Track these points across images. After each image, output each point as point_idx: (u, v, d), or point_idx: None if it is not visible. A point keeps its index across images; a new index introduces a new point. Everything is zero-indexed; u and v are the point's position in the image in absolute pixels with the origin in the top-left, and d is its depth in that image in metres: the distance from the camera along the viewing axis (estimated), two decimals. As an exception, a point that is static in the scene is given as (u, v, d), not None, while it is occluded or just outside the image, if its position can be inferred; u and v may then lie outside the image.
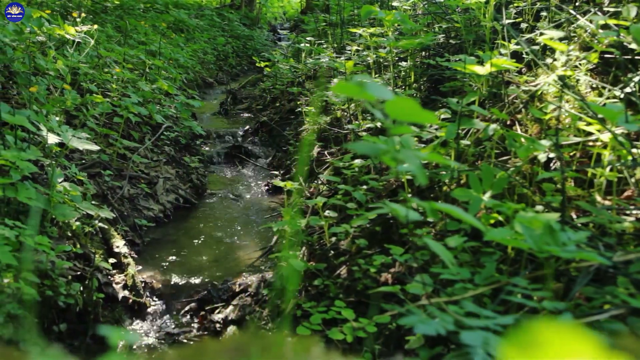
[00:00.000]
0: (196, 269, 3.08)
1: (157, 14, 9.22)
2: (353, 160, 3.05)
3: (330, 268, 2.58)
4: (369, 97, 1.11)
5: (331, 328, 2.11)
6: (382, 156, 1.15)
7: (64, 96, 3.41)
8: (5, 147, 2.61)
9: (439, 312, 1.41)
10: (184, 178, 4.20)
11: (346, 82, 1.11)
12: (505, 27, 2.77)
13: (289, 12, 17.46)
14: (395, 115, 1.12)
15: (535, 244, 1.41)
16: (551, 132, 2.25)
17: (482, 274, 1.67)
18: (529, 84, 2.64)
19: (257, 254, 3.23)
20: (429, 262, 2.08)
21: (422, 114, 1.06)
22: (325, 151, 4.00)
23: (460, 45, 3.73)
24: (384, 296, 2.23)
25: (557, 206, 2.02)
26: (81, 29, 3.56)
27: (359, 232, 2.54)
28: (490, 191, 1.94)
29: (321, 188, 3.48)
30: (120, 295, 2.71)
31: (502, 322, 1.14)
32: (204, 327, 2.60)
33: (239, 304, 2.66)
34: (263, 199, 4.23)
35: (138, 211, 3.56)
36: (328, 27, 7.04)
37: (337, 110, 4.51)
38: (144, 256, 3.17)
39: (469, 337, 1.01)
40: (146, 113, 4.07)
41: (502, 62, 2.32)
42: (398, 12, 3.59)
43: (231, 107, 6.64)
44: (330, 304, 2.29)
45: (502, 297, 1.44)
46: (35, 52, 3.53)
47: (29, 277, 2.12)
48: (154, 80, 4.86)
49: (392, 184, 2.77)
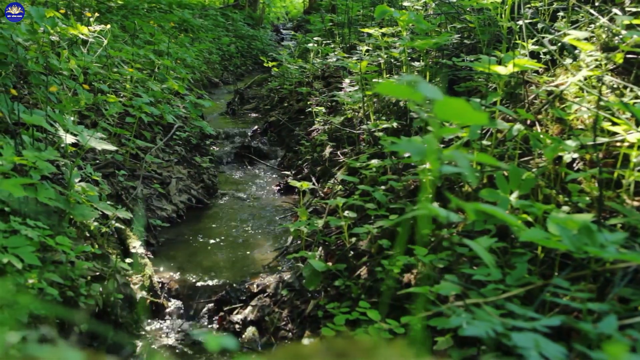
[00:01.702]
0: (212, 269, 3.07)
1: (161, 14, 9.21)
2: (369, 161, 3.04)
3: (349, 269, 2.57)
4: (417, 98, 1.11)
5: (355, 329, 2.11)
6: (428, 156, 1.15)
7: (78, 96, 3.40)
8: (22, 147, 2.60)
9: (480, 313, 1.41)
10: (195, 178, 4.19)
11: (393, 82, 1.10)
12: (526, 27, 2.76)
13: (292, 12, 17.45)
14: (444, 116, 1.11)
15: (573, 245, 1.40)
16: (577, 132, 2.25)
17: (513, 275, 1.67)
18: (549, 84, 2.63)
19: (272, 255, 3.22)
20: (455, 263, 2.07)
21: (474, 114, 1.05)
22: (337, 151, 3.99)
23: (474, 45, 3.72)
24: (407, 297, 2.22)
25: (584, 207, 2.01)
26: (94, 28, 3.54)
27: (380, 233, 2.53)
28: (517, 192, 1.93)
29: (335, 188, 3.47)
30: (138, 295, 2.70)
31: (549, 324, 1.13)
32: (223, 328, 2.59)
33: (258, 304, 2.65)
34: (275, 199, 4.22)
35: (151, 211, 3.56)
36: (335, 27, 7.04)
37: (347, 111, 4.51)
38: (159, 256, 3.16)
39: (521, 339, 1.00)
40: (158, 113, 4.06)
41: (524, 62, 2.31)
42: (413, 13, 3.59)
43: (238, 107, 6.63)
44: (352, 305, 2.28)
45: (547, 299, 1.43)
46: (49, 52, 3.52)
47: (52, 278, 2.11)
48: (163, 80, 4.85)
49: (410, 184, 2.77)
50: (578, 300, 1.34)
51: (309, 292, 2.59)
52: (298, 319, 2.51)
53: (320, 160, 4.17)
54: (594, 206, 2.01)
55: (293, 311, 2.56)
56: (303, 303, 2.58)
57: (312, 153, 4.40)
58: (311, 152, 4.43)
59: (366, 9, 6.95)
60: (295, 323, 2.51)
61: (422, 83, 1.06)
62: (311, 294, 2.58)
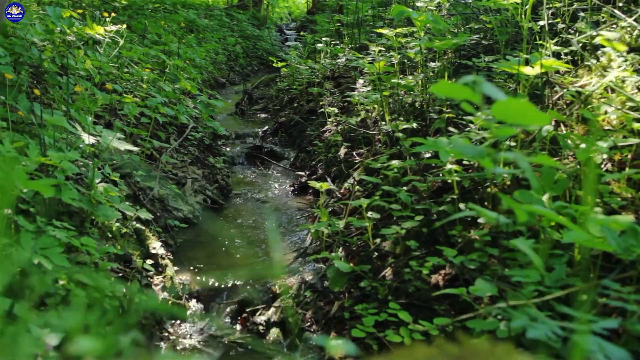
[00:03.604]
0: (231, 270, 3.06)
1: (166, 14, 9.19)
2: (389, 161, 3.03)
3: (373, 270, 2.56)
4: (475, 98, 1.10)
5: (384, 330, 2.10)
6: (484, 158, 1.14)
7: (95, 96, 3.39)
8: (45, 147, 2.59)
9: (516, 314, 1.40)
10: (209, 179, 4.18)
11: (450, 82, 1.09)
12: (548, 28, 2.75)
13: (295, 12, 17.44)
14: (504, 116, 1.10)
15: (619, 246, 1.40)
16: (603, 133, 2.24)
17: (552, 277, 1.66)
18: (574, 84, 2.63)
19: (291, 255, 3.21)
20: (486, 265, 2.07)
21: (536, 115, 1.04)
22: (353, 152, 3.98)
23: (491, 46, 3.71)
24: (435, 298, 2.21)
25: (616, 208, 2.01)
26: (111, 28, 3.53)
27: (405, 234, 2.52)
28: (549, 193, 1.93)
29: (352, 189, 3.46)
30: (160, 296, 2.69)
31: (607, 326, 1.12)
32: (246, 329, 2.58)
33: (281, 305, 2.64)
34: (289, 199, 4.21)
35: (168, 212, 3.55)
36: (344, 28, 7.03)
37: (360, 111, 4.50)
38: (178, 257, 3.15)
39: (586, 341, 1.00)
40: (172, 113, 4.05)
41: (552, 63, 2.30)
42: (429, 13, 3.58)
43: (247, 108, 6.62)
44: (379, 306, 2.27)
45: (600, 301, 1.42)
46: (65, 52, 3.51)
47: (81, 279, 2.10)
48: (174, 80, 4.84)
49: (433, 185, 2.76)
50: (632, 302, 1.33)
51: (332, 293, 2.58)
52: (323, 320, 2.50)
53: (335, 160, 4.16)
54: (627, 207, 2.00)
55: (317, 312, 2.55)
56: (327, 304, 2.57)
57: (326, 154, 4.39)
58: (325, 152, 4.42)
59: (375, 9, 6.94)
60: (320, 324, 2.50)
61: (485, 84, 1.05)
62: (335, 295, 2.57)
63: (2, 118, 2.76)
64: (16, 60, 3.48)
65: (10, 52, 3.34)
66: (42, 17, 4.02)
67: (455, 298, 2.12)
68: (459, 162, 2.53)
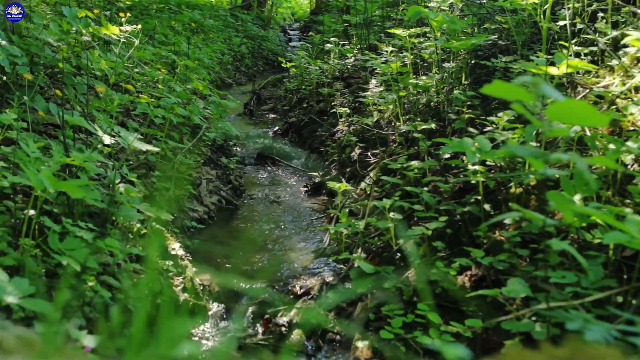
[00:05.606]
0: (249, 270, 3.06)
1: (171, 14, 9.18)
2: (408, 162, 3.03)
3: (395, 271, 2.55)
4: (530, 99, 1.09)
5: (412, 332, 2.09)
6: (537, 159, 1.13)
7: (111, 96, 3.38)
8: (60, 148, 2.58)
9: (559, 314, 1.39)
10: (223, 179, 4.18)
11: (503, 83, 1.08)
12: (569, 28, 2.75)
13: (297, 12, 17.44)
14: (560, 117, 1.10)
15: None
16: (630, 134, 2.23)
17: (590, 278, 1.65)
18: (597, 85, 2.62)
19: (310, 256, 3.20)
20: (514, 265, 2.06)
21: (595, 115, 1.03)
22: (368, 152, 3.97)
23: (507, 46, 3.71)
24: (463, 300, 2.21)
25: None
26: (126, 29, 3.53)
27: (429, 234, 2.51)
28: (580, 194, 1.92)
29: (370, 189, 3.46)
30: (180, 297, 2.68)
31: (662, 329, 1.12)
32: (269, 331, 2.57)
33: (303, 307, 2.63)
34: (302, 200, 4.20)
35: (184, 212, 3.54)
36: (351, 28, 7.02)
37: (373, 112, 4.49)
38: (196, 258, 3.14)
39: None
40: (186, 114, 4.04)
41: (577, 63, 2.30)
42: (444, 13, 3.57)
43: (256, 108, 6.61)
44: (404, 307, 2.27)
45: (635, 303, 1.41)
46: (80, 52, 3.50)
47: (108, 281, 2.10)
48: (184, 80, 4.83)
49: (455, 186, 2.75)
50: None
51: (354, 294, 2.57)
52: (346, 322, 2.49)
53: (349, 161, 4.15)
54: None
55: (340, 314, 2.54)
56: (349, 305, 2.57)
57: (339, 154, 4.39)
58: (338, 153, 4.41)
59: (383, 10, 6.93)
60: (343, 326, 2.49)
61: (543, 84, 1.04)
62: (357, 297, 2.56)
63: (22, 119, 2.75)
64: (31, 60, 3.47)
65: (26, 52, 3.33)
66: (53, 19, 4.02)
67: (483, 299, 2.11)
68: (482, 163, 2.52)
